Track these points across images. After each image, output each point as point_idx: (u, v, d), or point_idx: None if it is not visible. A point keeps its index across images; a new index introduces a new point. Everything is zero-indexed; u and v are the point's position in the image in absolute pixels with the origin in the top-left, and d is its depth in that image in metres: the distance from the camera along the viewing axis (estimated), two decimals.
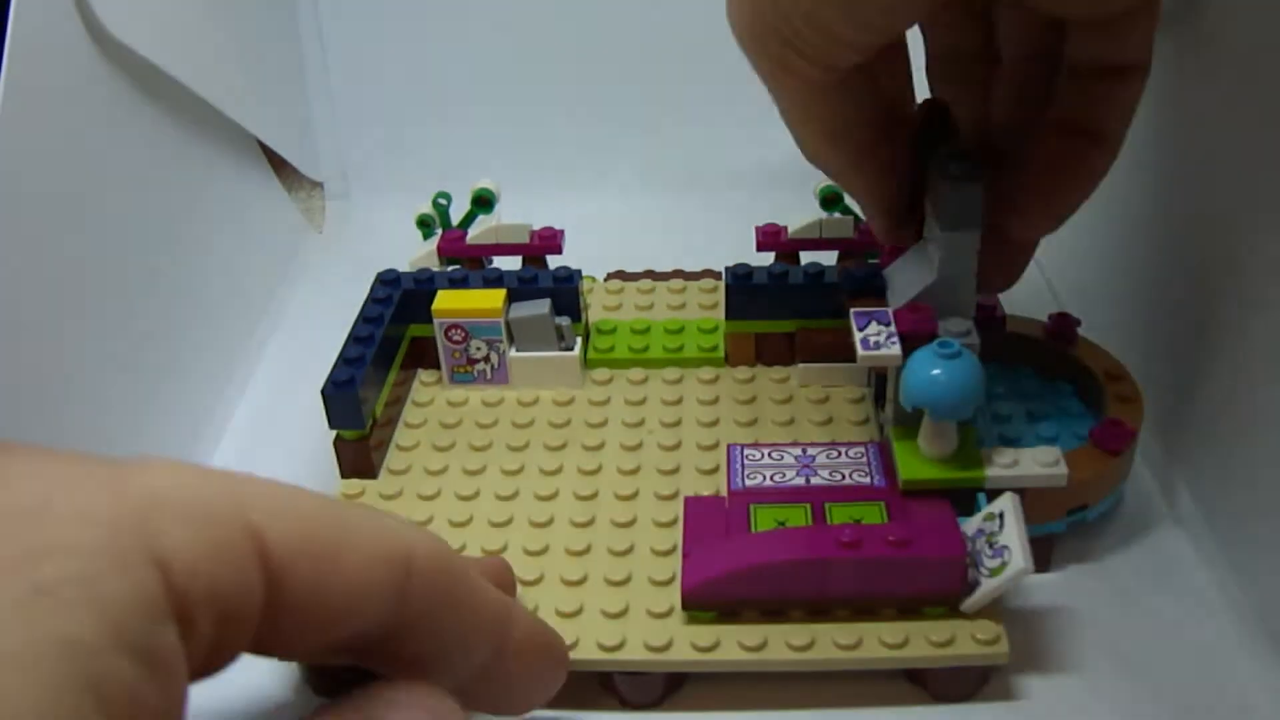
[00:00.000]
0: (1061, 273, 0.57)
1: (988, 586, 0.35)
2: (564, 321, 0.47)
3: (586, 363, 0.48)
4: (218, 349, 0.53)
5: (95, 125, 0.45)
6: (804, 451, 0.42)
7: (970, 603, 0.36)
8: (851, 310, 0.41)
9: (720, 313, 0.50)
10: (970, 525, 0.37)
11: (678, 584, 0.37)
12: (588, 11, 0.66)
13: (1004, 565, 0.35)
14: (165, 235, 0.50)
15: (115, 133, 0.47)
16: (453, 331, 0.47)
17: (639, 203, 0.66)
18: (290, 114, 0.67)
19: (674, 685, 0.37)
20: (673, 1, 0.65)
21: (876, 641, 0.36)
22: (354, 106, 0.69)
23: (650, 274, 0.54)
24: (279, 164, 0.66)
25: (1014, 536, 0.36)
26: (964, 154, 0.38)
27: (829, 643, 0.36)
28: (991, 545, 0.36)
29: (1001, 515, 0.37)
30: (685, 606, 0.37)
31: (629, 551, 0.39)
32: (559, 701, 0.37)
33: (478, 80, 0.68)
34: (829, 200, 0.50)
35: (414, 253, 0.51)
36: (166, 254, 0.50)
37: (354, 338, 0.45)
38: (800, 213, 0.51)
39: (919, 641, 0.36)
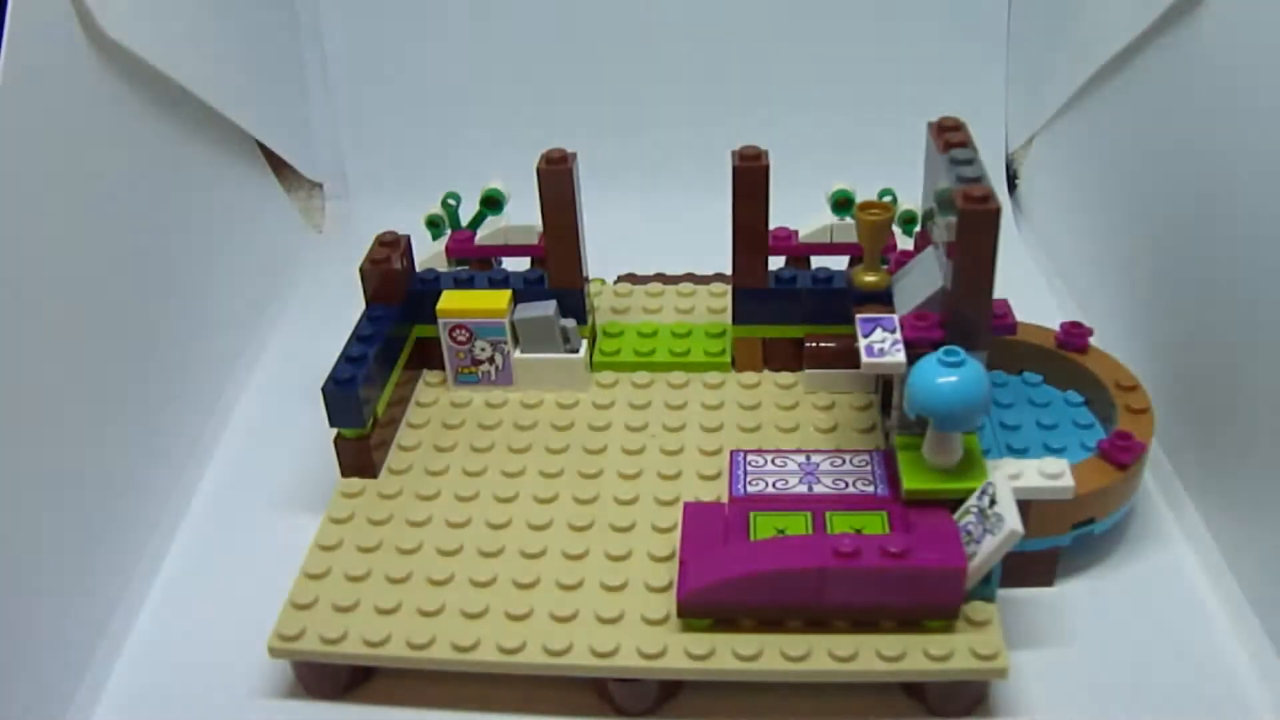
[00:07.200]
0: (1074, 281, 0.56)
1: (983, 553, 0.35)
2: (569, 324, 0.47)
3: (592, 365, 0.48)
4: (218, 348, 0.53)
5: (94, 127, 0.45)
6: (807, 459, 0.42)
7: (971, 568, 0.35)
8: (857, 316, 0.40)
9: (729, 317, 0.49)
10: (967, 506, 0.37)
11: (675, 590, 0.37)
12: (594, 11, 0.66)
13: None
14: (165, 236, 0.50)
15: (114, 135, 0.47)
16: (457, 332, 0.46)
17: (651, 204, 0.66)
18: (290, 114, 0.67)
19: (669, 693, 0.37)
20: (683, 1, 0.65)
21: (873, 654, 0.35)
22: (354, 106, 0.69)
23: (661, 277, 0.54)
24: (279, 164, 0.66)
25: (1006, 505, 0.35)
26: (972, 158, 0.38)
27: (825, 654, 0.35)
28: (986, 520, 0.36)
29: (991, 486, 0.36)
30: (681, 614, 0.36)
31: (626, 557, 0.39)
32: (551, 708, 0.37)
33: (478, 80, 0.67)
34: (840, 205, 0.49)
35: (422, 253, 0.51)
36: (167, 255, 0.50)
37: (357, 337, 0.45)
38: (811, 217, 0.50)
39: (916, 655, 0.35)
